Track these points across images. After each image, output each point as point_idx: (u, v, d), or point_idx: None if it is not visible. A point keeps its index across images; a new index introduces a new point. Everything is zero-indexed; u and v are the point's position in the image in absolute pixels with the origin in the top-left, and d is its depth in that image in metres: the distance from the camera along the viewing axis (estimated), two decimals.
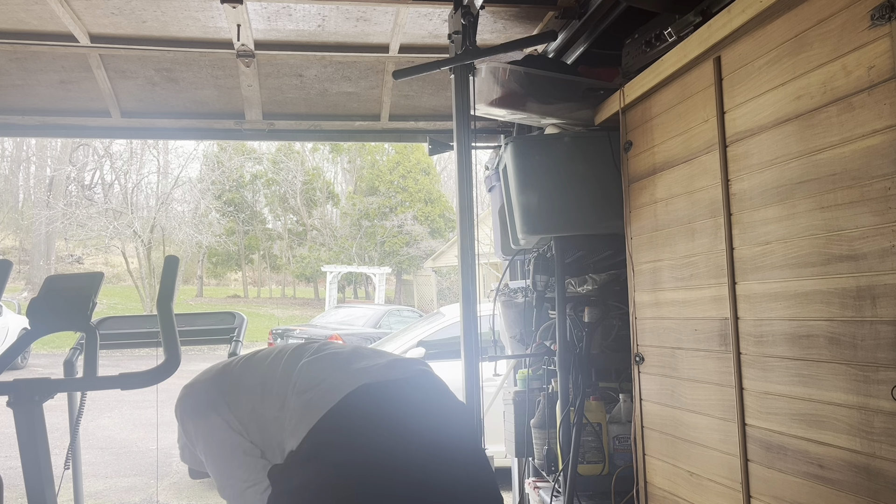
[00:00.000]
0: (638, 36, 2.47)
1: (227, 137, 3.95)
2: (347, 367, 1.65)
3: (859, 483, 1.46)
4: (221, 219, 28.20)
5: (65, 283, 2.09)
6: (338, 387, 1.55)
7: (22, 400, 1.76)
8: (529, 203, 2.67)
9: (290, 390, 1.61)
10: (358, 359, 1.72)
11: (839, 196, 1.50)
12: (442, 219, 28.59)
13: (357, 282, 29.90)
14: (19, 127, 3.73)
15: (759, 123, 1.76)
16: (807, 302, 1.60)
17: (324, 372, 1.63)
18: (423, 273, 27.72)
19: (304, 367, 1.67)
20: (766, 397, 1.75)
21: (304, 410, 1.53)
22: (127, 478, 5.74)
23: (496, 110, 2.75)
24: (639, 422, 2.42)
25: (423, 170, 29.09)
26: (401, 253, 27.67)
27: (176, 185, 25.97)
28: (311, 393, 1.56)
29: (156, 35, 3.17)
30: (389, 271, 25.17)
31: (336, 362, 1.69)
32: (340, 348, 1.80)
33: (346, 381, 1.57)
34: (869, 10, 1.40)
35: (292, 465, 1.47)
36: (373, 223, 28.24)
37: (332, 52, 3.34)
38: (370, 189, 29.58)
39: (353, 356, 1.73)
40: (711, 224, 1.98)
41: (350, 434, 1.46)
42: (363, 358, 1.72)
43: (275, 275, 33.74)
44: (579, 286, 2.82)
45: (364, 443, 1.44)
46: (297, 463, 1.46)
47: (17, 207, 30.94)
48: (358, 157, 31.75)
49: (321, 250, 29.12)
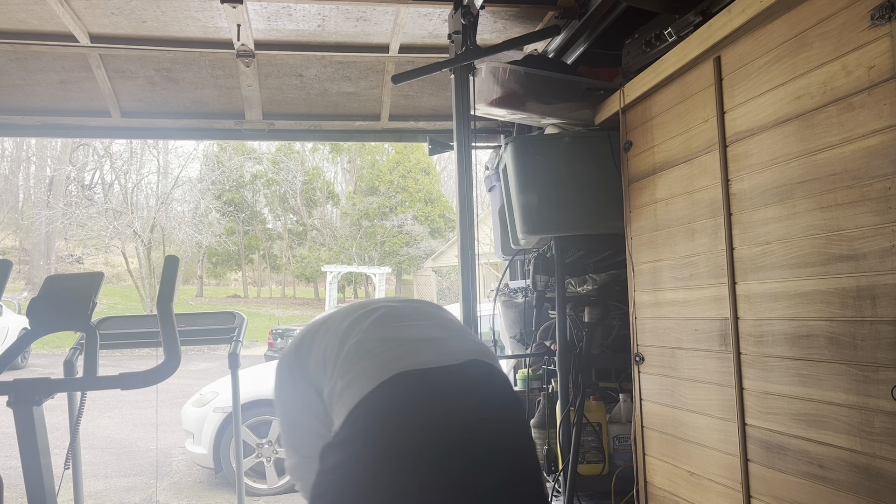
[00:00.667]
0: (638, 36, 2.47)
1: (227, 137, 3.95)
2: (388, 349, 1.54)
3: (859, 483, 1.46)
4: (221, 219, 28.20)
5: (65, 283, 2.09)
6: (373, 373, 1.47)
7: (22, 400, 1.76)
8: (529, 203, 2.67)
9: (338, 370, 1.55)
10: (406, 334, 1.60)
11: (839, 196, 1.50)
12: (442, 219, 28.60)
13: (357, 282, 29.90)
14: (19, 127, 3.73)
15: (759, 123, 1.76)
16: (807, 302, 1.60)
17: (366, 355, 1.54)
18: (423, 273, 27.75)
19: (352, 347, 1.58)
20: (766, 397, 1.75)
21: (343, 393, 1.49)
22: (127, 478, 5.74)
23: (496, 110, 2.75)
24: (639, 422, 2.42)
25: (423, 170, 29.10)
26: (401, 253, 27.69)
27: (176, 185, 25.98)
28: (349, 376, 1.51)
29: (156, 35, 3.17)
30: (389, 271, 25.17)
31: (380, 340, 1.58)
32: (391, 321, 1.66)
33: (383, 367, 1.48)
34: (869, 10, 1.40)
35: (332, 446, 1.44)
36: (373, 223, 28.25)
37: (332, 52, 3.34)
38: (370, 189, 29.60)
39: (402, 330, 1.62)
40: (711, 224, 1.98)
41: (376, 427, 1.40)
42: (413, 332, 1.61)
43: (275, 275, 33.75)
44: (579, 286, 2.82)
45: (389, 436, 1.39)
46: (334, 445, 1.44)
47: (17, 207, 30.94)
48: (358, 157, 31.76)
49: (321, 250, 29.13)
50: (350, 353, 1.56)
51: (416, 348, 1.54)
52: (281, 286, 33.91)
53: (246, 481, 5.00)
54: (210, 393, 5.45)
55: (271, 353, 11.77)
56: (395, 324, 1.65)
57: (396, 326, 1.63)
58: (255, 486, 5.12)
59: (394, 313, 1.69)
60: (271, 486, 5.13)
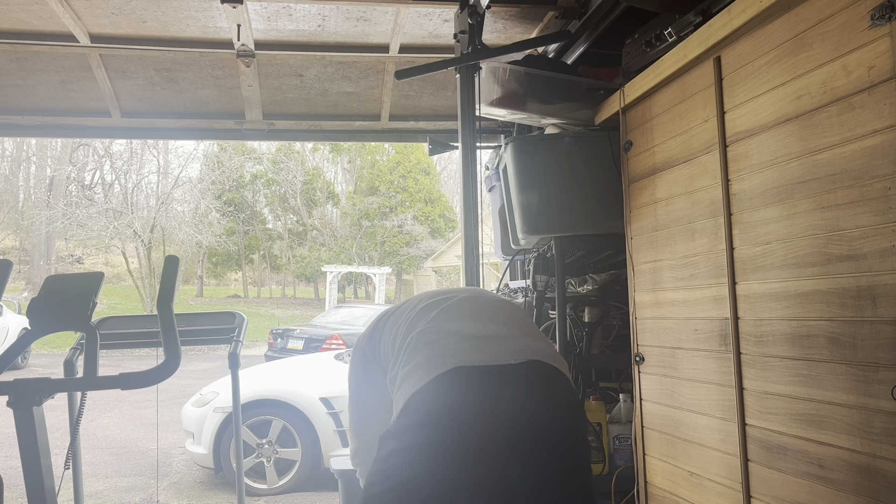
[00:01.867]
0: (638, 36, 2.47)
1: (227, 137, 3.95)
2: (451, 342, 1.52)
3: (859, 483, 1.46)
4: (221, 219, 28.19)
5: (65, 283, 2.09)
6: (432, 364, 1.46)
7: (22, 400, 1.76)
8: (529, 203, 2.66)
9: (402, 358, 1.55)
10: (471, 329, 1.57)
11: (839, 196, 1.50)
12: (442, 219, 28.59)
13: (357, 282, 29.91)
14: (19, 127, 3.73)
15: (760, 123, 1.76)
16: (807, 302, 1.60)
17: (427, 346, 1.53)
18: (423, 273, 27.74)
19: (415, 336, 1.57)
20: (766, 397, 1.75)
21: (403, 382, 1.49)
22: (127, 478, 5.74)
23: (496, 110, 2.75)
24: (639, 422, 2.42)
25: (424, 170, 29.09)
26: (401, 253, 27.68)
27: (176, 185, 25.97)
28: (410, 365, 1.51)
29: (156, 35, 3.17)
30: (389, 271, 25.17)
31: (444, 332, 1.56)
32: (459, 314, 1.63)
33: (442, 359, 1.46)
34: (869, 10, 1.40)
35: (389, 434, 1.44)
36: (373, 223, 28.24)
37: (332, 52, 3.34)
38: (370, 189, 29.59)
39: (468, 324, 1.59)
40: (711, 224, 1.98)
41: (430, 420, 1.39)
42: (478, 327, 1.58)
43: (275, 275, 33.74)
44: (579, 286, 2.82)
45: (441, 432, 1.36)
46: (391, 433, 1.43)
47: (17, 207, 30.94)
48: (358, 157, 31.75)
49: (321, 250, 29.12)
50: (413, 341, 1.56)
51: (479, 345, 1.52)
52: (281, 286, 33.91)
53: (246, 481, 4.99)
54: (210, 393, 5.45)
55: (271, 353, 11.76)
56: (462, 317, 1.63)
57: (463, 320, 1.61)
58: (255, 486, 5.12)
59: (463, 306, 1.67)
60: (271, 486, 5.13)
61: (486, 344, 1.52)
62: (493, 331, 1.58)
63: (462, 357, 1.47)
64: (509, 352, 1.51)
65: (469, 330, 1.57)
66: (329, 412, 5.10)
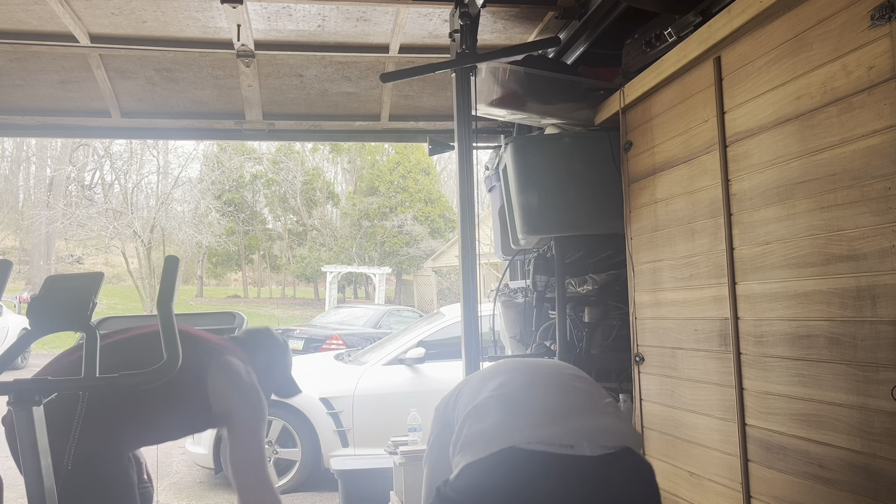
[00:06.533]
0: (638, 36, 2.47)
1: (227, 137, 3.95)
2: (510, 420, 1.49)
3: (859, 483, 1.46)
4: (221, 219, 28.17)
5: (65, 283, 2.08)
6: (489, 440, 1.45)
7: (22, 400, 1.76)
8: (529, 203, 2.66)
9: (467, 421, 1.56)
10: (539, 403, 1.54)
11: (839, 196, 1.50)
12: (442, 219, 28.58)
13: (357, 282, 29.89)
14: (19, 127, 3.73)
15: (759, 123, 1.76)
16: (807, 302, 1.60)
17: (487, 416, 1.53)
18: (423, 273, 27.73)
19: (481, 402, 1.58)
20: (766, 397, 1.75)
21: (462, 449, 1.51)
22: None
23: (496, 110, 2.75)
24: (639, 422, 2.42)
25: (423, 170, 29.08)
26: (401, 253, 27.66)
27: (176, 185, 25.95)
28: (470, 431, 1.52)
29: (156, 35, 3.17)
30: (389, 271, 25.16)
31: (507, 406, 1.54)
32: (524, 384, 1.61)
33: (498, 437, 1.45)
34: (869, 10, 1.40)
35: (443, 495, 1.47)
36: (373, 223, 28.22)
37: (332, 52, 3.34)
38: (370, 189, 29.57)
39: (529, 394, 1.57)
40: (711, 224, 1.98)
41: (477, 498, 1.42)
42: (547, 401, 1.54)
43: (275, 275, 33.73)
44: (579, 286, 2.82)
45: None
46: (445, 495, 1.47)
47: (17, 207, 30.93)
48: (358, 157, 31.74)
49: (321, 250, 29.10)
50: (477, 407, 1.57)
51: (539, 421, 1.48)
52: (281, 286, 33.89)
53: None
54: None
55: None
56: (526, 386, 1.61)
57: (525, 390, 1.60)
58: None
59: (527, 377, 1.66)
60: None
61: (538, 425, 1.47)
62: (545, 409, 1.54)
63: (519, 434, 1.44)
64: (567, 432, 1.45)
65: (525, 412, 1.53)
66: (329, 412, 5.10)
